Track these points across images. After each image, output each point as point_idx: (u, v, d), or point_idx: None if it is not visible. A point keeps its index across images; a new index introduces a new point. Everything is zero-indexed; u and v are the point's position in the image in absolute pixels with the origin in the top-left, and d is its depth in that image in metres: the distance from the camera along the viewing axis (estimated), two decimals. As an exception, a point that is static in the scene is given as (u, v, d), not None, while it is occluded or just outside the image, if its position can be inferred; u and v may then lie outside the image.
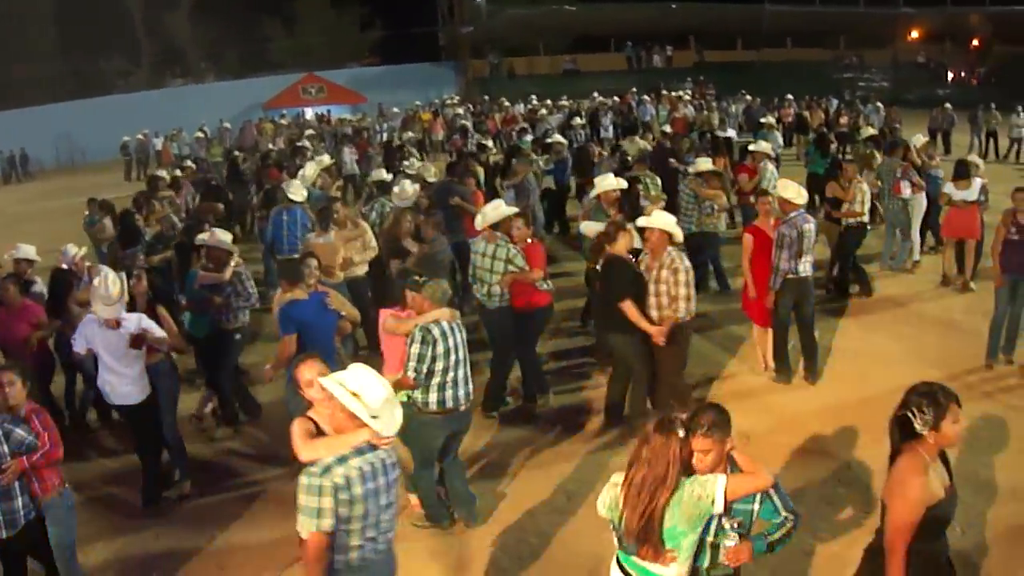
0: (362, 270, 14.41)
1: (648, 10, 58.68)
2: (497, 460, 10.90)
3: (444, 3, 66.50)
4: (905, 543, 5.28)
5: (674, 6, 56.74)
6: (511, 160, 20.17)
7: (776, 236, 12.40)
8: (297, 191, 16.63)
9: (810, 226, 12.26)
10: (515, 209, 12.41)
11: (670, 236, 10.71)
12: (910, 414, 5.35)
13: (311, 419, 6.40)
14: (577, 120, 31.67)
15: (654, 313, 10.68)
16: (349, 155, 29.61)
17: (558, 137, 24.63)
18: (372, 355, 13.33)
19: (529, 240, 12.14)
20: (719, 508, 5.42)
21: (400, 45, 68.84)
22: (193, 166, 26.28)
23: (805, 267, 12.32)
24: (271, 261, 17.32)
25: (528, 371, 12.41)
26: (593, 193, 14.60)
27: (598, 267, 11.24)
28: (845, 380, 12.63)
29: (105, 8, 63.34)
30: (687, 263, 10.61)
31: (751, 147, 19.67)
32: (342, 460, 5.68)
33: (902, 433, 5.47)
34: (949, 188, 16.34)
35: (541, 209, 19.10)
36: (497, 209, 12.06)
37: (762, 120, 28.52)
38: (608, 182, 14.32)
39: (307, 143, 28.19)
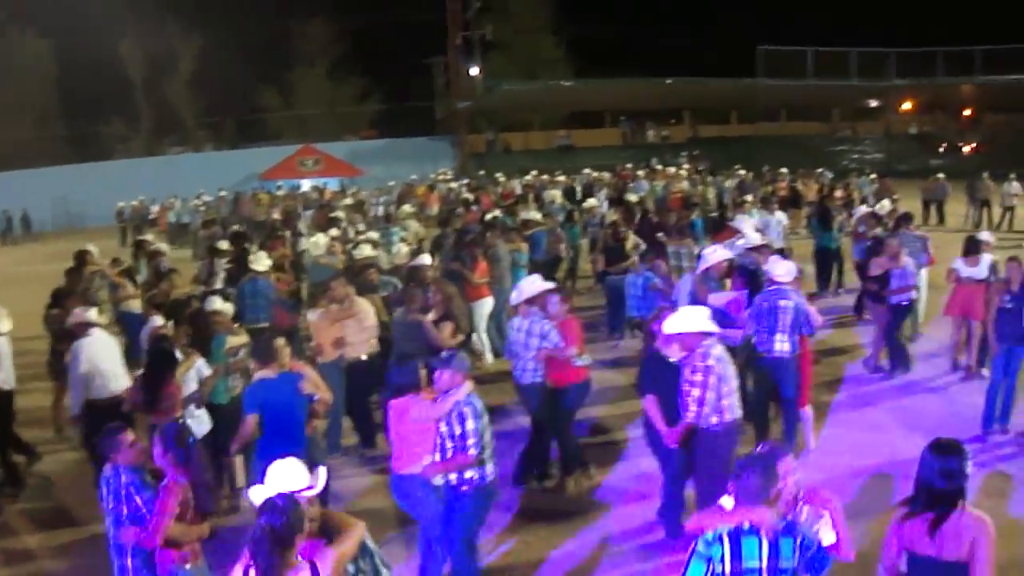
0: (361, 352, 13.40)
1: (643, 86, 59.04)
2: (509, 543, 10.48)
3: (441, 78, 67.05)
4: None
5: (669, 81, 57.00)
6: (486, 233, 19.83)
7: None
8: (260, 262, 16.57)
9: (787, 303, 11.89)
10: (550, 284, 12.20)
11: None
12: None
13: None
14: (591, 201, 29.84)
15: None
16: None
17: (533, 215, 24.62)
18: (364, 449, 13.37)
19: (565, 316, 11.86)
20: None
21: (397, 119, 69.95)
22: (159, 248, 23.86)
23: (781, 346, 11.96)
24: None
25: (563, 448, 11.95)
26: (704, 266, 14.00)
27: None
28: (836, 451, 12.49)
29: (106, 74, 64.83)
30: (712, 363, 9.39)
31: (732, 223, 19.36)
32: None
33: None
34: (958, 264, 15.49)
35: (511, 281, 18.65)
36: (532, 284, 11.87)
37: (746, 198, 28.10)
38: (719, 254, 14.08)
39: (340, 214, 28.14)
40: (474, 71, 63.78)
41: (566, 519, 10.98)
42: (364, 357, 13.35)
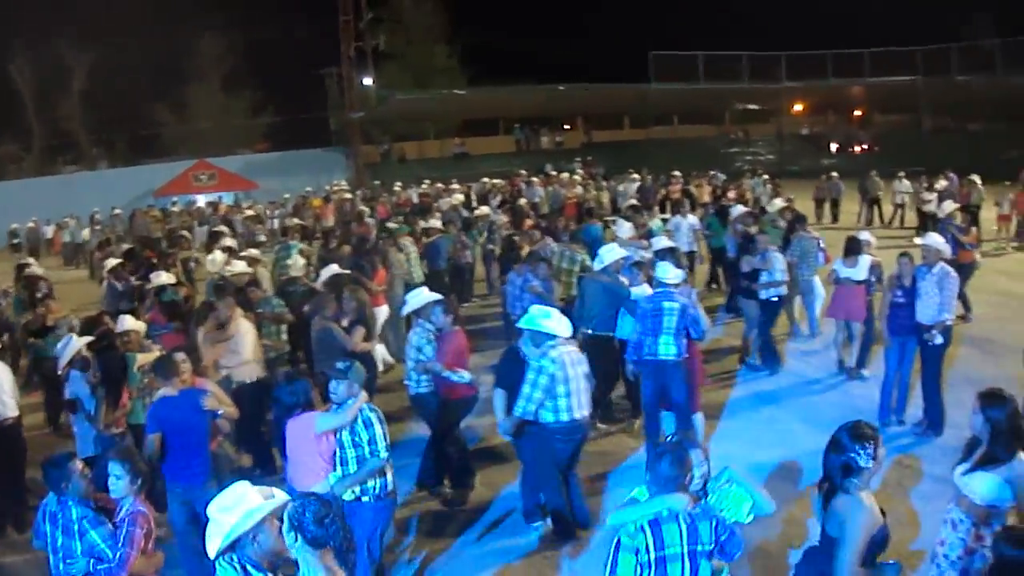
0: (246, 374, 12.89)
1: (536, 93, 59.07)
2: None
3: (334, 89, 66.53)
4: None
5: (561, 88, 57.16)
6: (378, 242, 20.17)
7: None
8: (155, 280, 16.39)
9: (672, 305, 11.82)
10: (436, 296, 12.24)
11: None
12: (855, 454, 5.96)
13: None
14: (484, 209, 29.78)
15: None
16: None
17: (434, 223, 24.47)
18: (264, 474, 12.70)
19: (452, 328, 11.79)
20: None
21: (291, 131, 69.29)
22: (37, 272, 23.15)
23: (666, 349, 11.85)
24: None
25: (447, 459, 11.91)
26: (601, 266, 14.16)
27: None
28: (733, 444, 12.55)
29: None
30: (546, 364, 9.84)
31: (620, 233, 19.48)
32: None
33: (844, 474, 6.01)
34: (837, 264, 15.70)
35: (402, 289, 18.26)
36: (417, 296, 12.22)
37: (632, 202, 28.11)
38: (615, 252, 14.28)
39: (224, 228, 27.83)
40: (367, 81, 63.47)
41: (467, 526, 11.07)
42: (250, 380, 12.88)
